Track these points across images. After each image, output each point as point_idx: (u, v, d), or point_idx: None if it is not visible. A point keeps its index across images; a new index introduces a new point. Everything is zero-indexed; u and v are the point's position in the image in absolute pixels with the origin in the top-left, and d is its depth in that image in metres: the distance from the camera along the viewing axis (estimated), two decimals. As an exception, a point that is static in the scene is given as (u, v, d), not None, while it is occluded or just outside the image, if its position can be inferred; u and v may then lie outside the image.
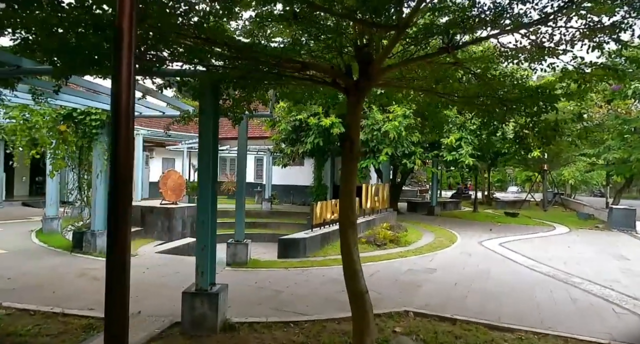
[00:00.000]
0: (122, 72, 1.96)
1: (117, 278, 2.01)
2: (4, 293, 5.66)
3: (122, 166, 2.00)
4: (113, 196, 1.99)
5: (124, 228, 2.01)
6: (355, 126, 4.14)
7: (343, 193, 4.01)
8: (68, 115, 8.25)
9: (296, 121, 15.07)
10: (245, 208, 7.54)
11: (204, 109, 4.84)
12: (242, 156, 7.96)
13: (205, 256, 4.69)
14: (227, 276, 7.14)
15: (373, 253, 9.32)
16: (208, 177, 4.73)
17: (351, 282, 3.88)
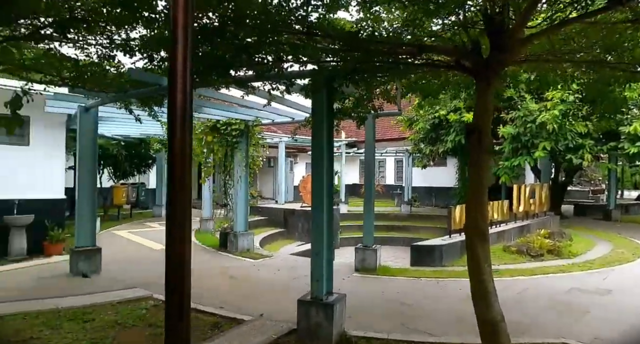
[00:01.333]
0: (177, 72, 1.83)
1: (176, 269, 1.89)
2: (155, 286, 6.35)
3: (178, 168, 1.85)
4: (170, 198, 1.87)
5: (182, 224, 1.88)
6: (484, 114, 3.35)
7: (470, 196, 3.28)
8: (213, 126, 9.08)
9: (435, 118, 14.09)
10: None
11: (316, 110, 4.62)
12: (370, 158, 7.59)
13: (320, 263, 4.44)
14: (353, 283, 6.83)
15: (524, 266, 7.91)
16: (322, 181, 4.48)
17: (480, 306, 3.12)
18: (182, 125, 1.87)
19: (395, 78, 4.98)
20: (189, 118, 1.89)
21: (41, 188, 8.39)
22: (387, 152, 20.66)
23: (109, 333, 4.54)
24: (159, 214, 15.05)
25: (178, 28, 1.85)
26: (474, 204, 3.20)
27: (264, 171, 23.10)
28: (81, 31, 4.13)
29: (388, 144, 20.85)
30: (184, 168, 1.86)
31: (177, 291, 1.90)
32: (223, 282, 6.79)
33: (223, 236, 9.34)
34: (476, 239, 3.13)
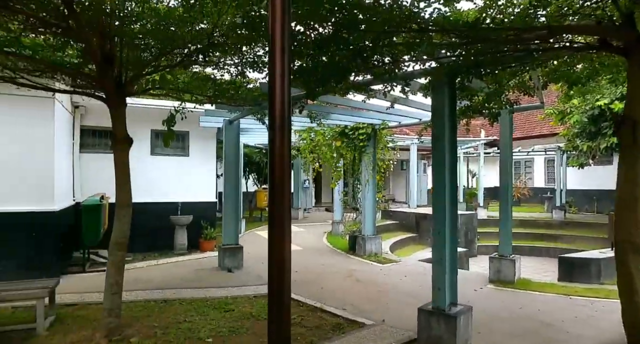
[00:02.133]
0: (276, 85, 1.93)
1: (276, 268, 1.99)
2: (288, 284, 6.79)
3: (277, 173, 1.95)
4: (270, 201, 1.98)
5: (280, 229, 1.96)
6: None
7: (621, 202, 2.71)
8: (342, 132, 9.35)
9: (594, 109, 12.10)
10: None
11: (436, 109, 4.37)
12: (507, 158, 6.88)
13: (442, 271, 4.19)
14: (486, 295, 6.27)
15: None
16: (443, 184, 4.22)
17: (633, 336, 2.54)
18: (281, 133, 1.95)
19: (530, 67, 4.42)
20: (288, 127, 1.96)
21: (197, 192, 9.75)
22: (535, 150, 18.46)
23: (244, 324, 5.01)
24: (296, 217, 16.11)
25: (276, 45, 1.95)
26: (627, 212, 2.63)
27: (397, 174, 22.89)
28: (218, 54, 4.70)
29: (536, 141, 18.65)
30: (282, 173, 1.94)
31: (277, 290, 1.98)
32: (349, 284, 6.90)
33: (352, 239, 9.53)
34: (629, 254, 2.57)
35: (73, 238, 8.02)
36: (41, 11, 3.86)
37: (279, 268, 1.99)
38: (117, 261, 4.63)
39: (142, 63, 4.71)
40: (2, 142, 6.39)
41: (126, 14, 4.22)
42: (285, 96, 1.92)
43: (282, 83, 1.91)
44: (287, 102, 1.93)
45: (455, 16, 3.59)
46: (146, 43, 4.50)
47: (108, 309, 4.53)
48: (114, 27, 4.23)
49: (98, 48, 4.17)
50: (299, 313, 5.44)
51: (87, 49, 4.20)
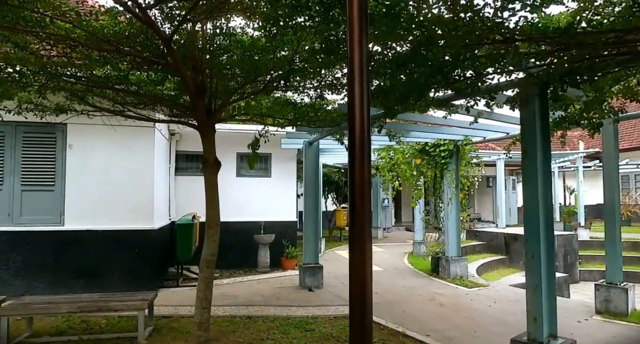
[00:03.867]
0: (355, 106, 1.94)
1: (357, 288, 1.94)
2: (368, 305, 6.65)
3: (357, 196, 1.93)
4: (351, 221, 1.97)
5: (361, 250, 1.93)
6: None
7: None
8: (422, 149, 9.12)
9: None
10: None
11: (526, 121, 4.07)
12: (612, 172, 6.17)
13: (537, 299, 3.82)
14: (592, 328, 5.59)
15: None
16: (536, 201, 3.90)
17: None
18: (361, 155, 1.94)
19: (637, 71, 3.97)
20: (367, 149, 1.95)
21: (279, 212, 10.07)
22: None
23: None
24: (375, 236, 15.89)
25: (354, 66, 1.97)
26: None
27: (483, 192, 21.63)
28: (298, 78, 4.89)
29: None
30: (363, 195, 1.92)
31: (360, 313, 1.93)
32: (432, 309, 6.57)
33: (435, 260, 9.12)
34: None
35: (169, 255, 8.69)
36: (145, 51, 4.33)
37: (360, 290, 1.95)
38: (206, 277, 4.90)
39: (229, 91, 5.05)
40: (111, 169, 7.20)
41: (215, 48, 4.59)
42: (364, 117, 1.92)
43: (361, 104, 1.91)
44: (367, 123, 1.92)
45: (544, 22, 3.35)
46: (233, 73, 4.83)
47: (198, 322, 4.79)
48: (205, 61, 4.61)
49: (191, 80, 4.56)
50: (380, 336, 5.29)
51: (182, 81, 4.61)
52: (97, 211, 7.09)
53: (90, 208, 7.07)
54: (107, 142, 7.17)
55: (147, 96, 5.06)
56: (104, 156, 7.19)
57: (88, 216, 7.06)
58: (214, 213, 4.97)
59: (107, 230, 7.13)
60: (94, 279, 7.01)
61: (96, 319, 5.87)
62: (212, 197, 4.98)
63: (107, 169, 7.19)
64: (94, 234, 7.08)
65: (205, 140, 5.00)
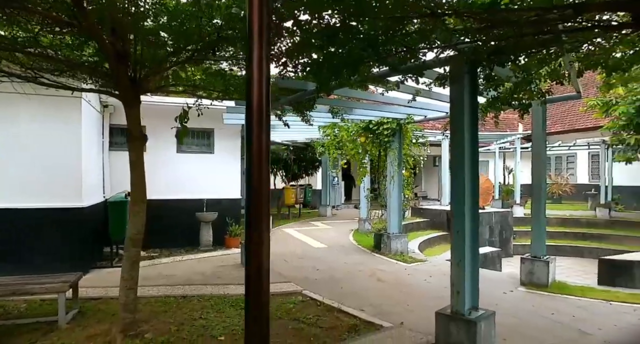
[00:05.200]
0: (254, 75, 1.79)
1: (254, 279, 1.84)
2: (308, 283, 6.67)
3: (255, 174, 1.81)
4: (247, 201, 1.85)
5: (258, 232, 1.82)
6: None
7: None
8: (366, 127, 9.11)
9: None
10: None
11: (455, 100, 4.09)
12: (539, 151, 6.45)
13: (461, 273, 3.93)
14: (516, 299, 5.92)
15: None
16: (462, 179, 3.95)
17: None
18: (259, 129, 1.81)
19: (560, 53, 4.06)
20: (266, 122, 1.82)
21: (222, 189, 9.81)
22: (577, 144, 17.46)
23: (258, 323, 4.92)
24: (324, 214, 16.00)
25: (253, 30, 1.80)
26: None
27: (430, 171, 22.31)
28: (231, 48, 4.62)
29: (579, 135, 17.61)
30: (261, 173, 1.80)
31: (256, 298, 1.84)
32: (370, 284, 6.70)
33: (377, 237, 9.29)
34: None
35: (103, 234, 8.24)
36: (54, 10, 3.90)
37: (257, 277, 1.86)
38: (131, 257, 4.65)
39: (157, 60, 4.70)
40: (34, 143, 6.62)
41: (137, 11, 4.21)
42: (263, 87, 1.78)
43: (259, 71, 1.76)
44: (266, 94, 1.78)
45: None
46: (160, 40, 4.48)
47: (123, 304, 4.56)
48: (127, 24, 4.23)
49: (111, 45, 4.17)
50: (315, 312, 5.31)
51: (100, 46, 4.22)
52: (18, 188, 6.54)
53: (10, 185, 6.51)
54: (28, 114, 6.57)
55: (62, 62, 4.61)
56: (25, 128, 6.59)
57: (8, 193, 6.50)
58: (139, 190, 4.68)
59: (32, 208, 6.61)
60: (18, 262, 6.51)
61: (15, 304, 5.48)
62: (137, 174, 4.68)
63: (29, 143, 6.60)
64: (17, 213, 6.55)
65: (130, 112, 4.65)
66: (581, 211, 16.23)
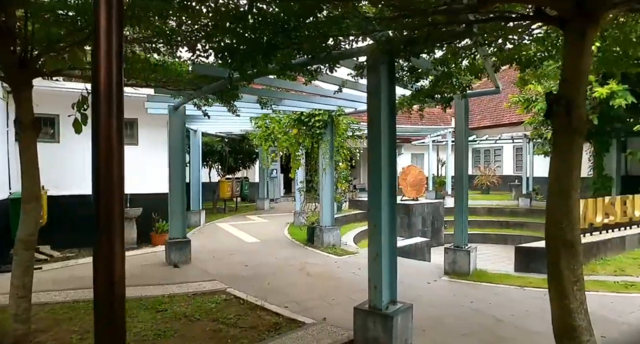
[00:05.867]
0: (101, 56, 1.51)
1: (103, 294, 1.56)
2: (234, 280, 6.42)
3: (102, 163, 1.54)
4: (95, 199, 1.57)
5: (109, 236, 1.56)
6: (576, 79, 2.43)
7: (552, 193, 2.41)
8: (298, 119, 8.92)
9: (557, 97, 12.01)
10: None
11: (373, 90, 3.98)
12: (460, 144, 6.60)
13: (378, 268, 3.88)
14: (439, 289, 6.05)
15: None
16: (379, 172, 3.86)
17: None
18: (108, 117, 1.54)
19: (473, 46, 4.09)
20: (117, 111, 1.55)
21: (148, 183, 9.22)
22: (502, 138, 18.50)
23: (174, 325, 4.61)
24: (262, 207, 15.69)
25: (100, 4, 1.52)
26: (559, 205, 2.33)
27: (368, 163, 22.67)
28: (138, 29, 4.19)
29: (505, 129, 18.67)
30: (109, 165, 1.54)
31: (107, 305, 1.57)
32: (299, 279, 6.58)
33: (310, 230, 9.20)
34: (561, 252, 2.28)
35: (6, 235, 7.41)
36: None
37: (107, 291, 1.57)
38: (24, 261, 4.12)
39: (52, 40, 4.17)
40: None
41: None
42: (113, 61, 1.50)
43: (107, 42, 1.49)
44: (117, 70, 1.51)
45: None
46: (55, 17, 3.97)
47: (14, 314, 4.04)
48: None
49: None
50: (237, 311, 5.08)
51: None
52: None
53: None
54: None
55: None
56: None
57: None
58: (31, 186, 4.16)
59: None
60: None
61: None
62: (29, 167, 4.15)
63: None
64: None
65: (19, 97, 4.09)
66: (506, 200, 17.23)
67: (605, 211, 7.44)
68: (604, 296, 5.51)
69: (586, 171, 15.32)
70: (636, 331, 4.44)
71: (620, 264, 6.80)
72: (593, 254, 7.02)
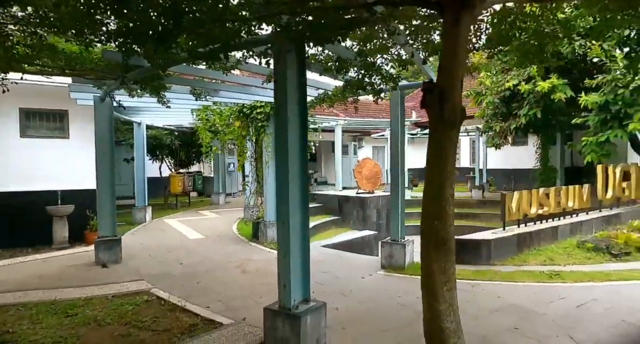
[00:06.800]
0: None
1: None
2: (164, 279, 6.14)
3: None
4: None
5: None
6: (452, 65, 2.31)
7: (427, 188, 2.30)
8: (240, 111, 8.64)
9: (506, 90, 12.23)
10: None
11: (280, 78, 3.72)
12: (396, 135, 6.52)
13: (287, 266, 3.72)
14: (372, 283, 6.00)
15: (599, 267, 6.30)
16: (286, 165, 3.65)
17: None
18: None
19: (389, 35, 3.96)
20: None
21: (81, 179, 8.72)
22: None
23: (80, 331, 4.32)
24: (217, 202, 15.33)
25: None
26: (433, 198, 2.22)
27: (329, 157, 22.56)
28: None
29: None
30: None
31: None
32: (233, 276, 6.37)
33: (255, 226, 8.98)
34: (431, 249, 2.17)
35: None
36: None
37: None
38: None
39: None
40: None
41: None
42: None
43: None
44: None
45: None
46: None
47: None
48: None
49: None
50: (155, 313, 4.83)
51: None
52: None
53: None
54: None
55: None
56: None
57: None
58: None
59: None
60: None
61: None
62: None
63: None
64: None
65: None
66: (461, 192, 17.53)
67: (540, 202, 7.59)
68: (528, 287, 5.59)
69: (533, 162, 15.80)
70: (551, 319, 4.49)
71: (551, 254, 6.95)
72: (527, 245, 7.14)
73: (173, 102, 7.72)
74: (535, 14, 3.99)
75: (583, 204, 8.36)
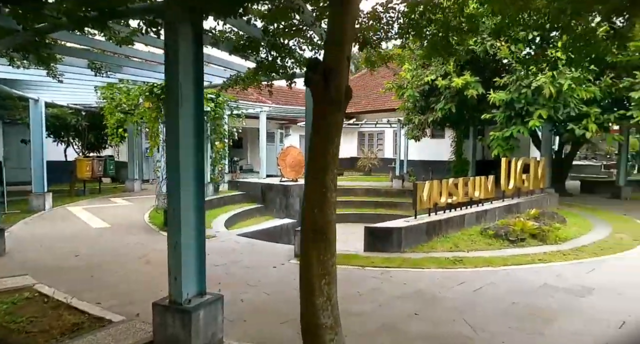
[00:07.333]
0: None
1: None
2: (53, 273, 5.54)
3: None
4: None
5: None
6: (340, 41, 2.16)
7: (309, 176, 2.17)
8: (150, 91, 8.01)
9: (425, 84, 12.69)
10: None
11: (171, 53, 3.34)
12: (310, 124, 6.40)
13: (178, 257, 3.44)
14: (283, 272, 5.91)
15: (497, 253, 6.75)
16: (177, 150, 3.35)
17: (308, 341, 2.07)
18: None
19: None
20: None
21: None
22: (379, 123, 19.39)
23: None
24: (131, 189, 14.34)
25: None
26: (312, 188, 2.10)
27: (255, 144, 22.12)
28: None
29: (384, 115, 19.52)
30: None
31: None
32: (135, 268, 5.92)
33: (166, 214, 8.44)
34: (310, 239, 2.05)
35: None
36: None
37: None
38: None
39: None
40: None
41: None
42: None
43: None
44: None
45: None
46: None
47: None
48: None
49: None
50: (34, 312, 4.29)
51: None
52: None
53: None
54: None
55: None
56: None
57: None
58: None
59: None
60: None
61: None
62: None
63: None
64: None
65: None
66: (384, 182, 18.09)
67: (449, 191, 7.96)
68: (433, 272, 5.81)
69: (449, 155, 16.72)
70: (450, 304, 4.68)
71: (457, 241, 7.33)
72: (436, 232, 7.46)
73: (71, 78, 6.98)
74: (443, 6, 4.05)
75: (488, 194, 8.93)
